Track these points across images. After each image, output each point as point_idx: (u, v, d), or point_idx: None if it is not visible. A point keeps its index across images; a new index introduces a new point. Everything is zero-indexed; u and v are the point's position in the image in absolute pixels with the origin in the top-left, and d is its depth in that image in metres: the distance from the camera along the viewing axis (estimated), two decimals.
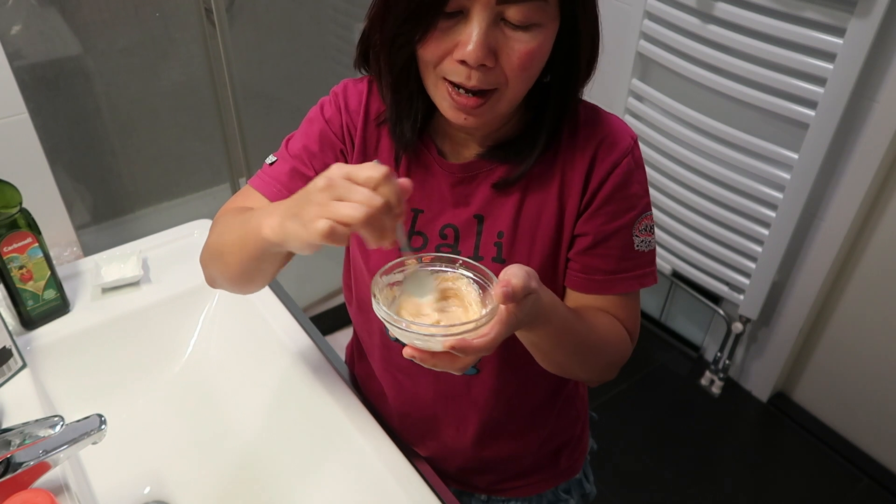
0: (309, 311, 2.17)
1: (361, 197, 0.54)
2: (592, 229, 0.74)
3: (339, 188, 0.55)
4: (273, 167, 0.79)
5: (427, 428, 0.92)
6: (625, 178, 0.73)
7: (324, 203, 0.56)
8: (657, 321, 2.33)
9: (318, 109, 0.81)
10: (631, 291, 0.78)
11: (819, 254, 1.76)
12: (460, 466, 0.95)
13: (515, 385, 0.86)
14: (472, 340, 0.56)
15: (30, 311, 0.98)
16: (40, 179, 1.40)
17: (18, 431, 0.70)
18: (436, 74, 0.67)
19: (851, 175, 1.61)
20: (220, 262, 0.75)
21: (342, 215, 0.54)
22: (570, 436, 0.98)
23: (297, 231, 0.58)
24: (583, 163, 0.73)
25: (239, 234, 0.69)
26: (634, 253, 0.76)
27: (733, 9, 1.59)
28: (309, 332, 1.01)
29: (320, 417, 0.92)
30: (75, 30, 1.62)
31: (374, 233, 0.56)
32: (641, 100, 1.92)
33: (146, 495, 0.91)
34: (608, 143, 0.73)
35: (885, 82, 1.48)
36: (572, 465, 1.01)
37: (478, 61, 0.62)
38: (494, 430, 0.90)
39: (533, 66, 0.66)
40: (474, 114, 0.67)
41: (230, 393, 1.02)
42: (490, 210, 0.76)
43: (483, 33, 0.62)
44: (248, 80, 1.88)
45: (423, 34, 0.65)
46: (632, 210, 0.75)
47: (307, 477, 0.91)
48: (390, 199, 0.55)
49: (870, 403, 1.85)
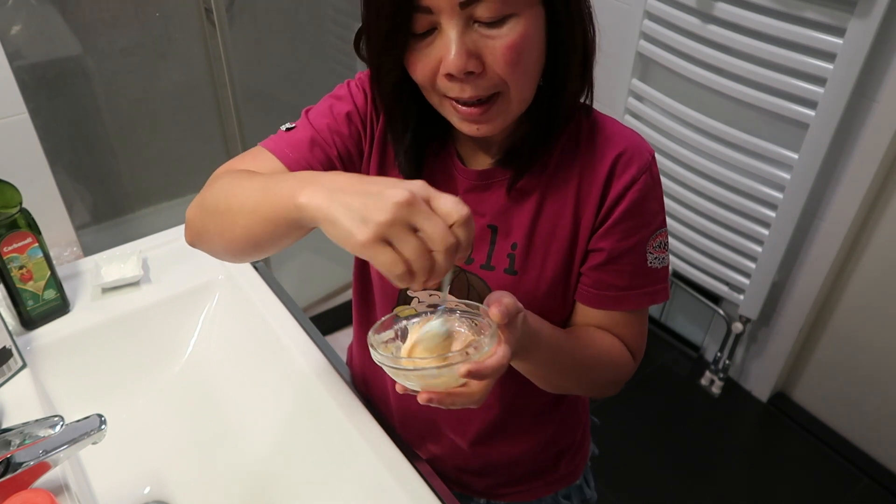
0: (309, 311, 2.17)
1: (436, 232, 0.49)
2: (608, 245, 0.73)
3: (418, 214, 0.49)
4: (291, 133, 0.74)
5: (428, 429, 0.92)
6: (642, 195, 0.72)
7: (395, 225, 0.49)
8: (657, 321, 2.33)
9: (347, 89, 0.77)
10: (635, 309, 0.77)
11: (819, 254, 1.76)
12: (460, 468, 0.95)
13: (517, 388, 0.85)
14: (485, 361, 0.55)
15: (30, 311, 0.98)
16: (40, 179, 1.40)
17: (18, 431, 0.70)
18: (437, 94, 0.66)
19: (851, 175, 1.61)
20: (221, 220, 0.65)
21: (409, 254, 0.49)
22: (571, 441, 0.98)
23: (356, 237, 0.50)
24: (600, 177, 0.72)
25: (257, 196, 0.60)
26: (647, 269, 0.75)
27: (733, 9, 1.59)
28: (309, 332, 1.01)
29: (320, 417, 0.92)
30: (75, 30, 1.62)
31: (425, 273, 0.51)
32: (641, 100, 1.92)
33: (146, 495, 0.91)
34: (626, 158, 0.72)
35: (885, 82, 1.48)
36: (573, 471, 1.00)
37: (462, 69, 0.60)
38: (495, 432, 0.89)
39: (522, 59, 0.62)
40: (484, 121, 0.65)
41: (230, 393, 1.02)
42: (504, 220, 0.75)
43: (458, 41, 0.60)
44: (248, 80, 1.88)
45: (401, 58, 0.64)
46: (648, 227, 0.74)
47: (307, 477, 0.91)
48: (462, 243, 0.51)
49: (870, 404, 1.85)
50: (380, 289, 0.85)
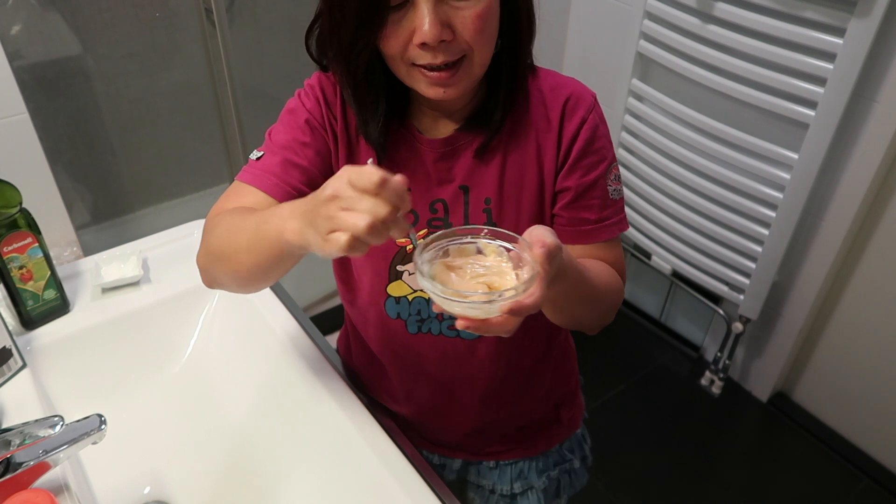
0: (309, 311, 2.17)
1: (367, 206, 0.55)
2: (573, 184, 0.80)
3: (344, 199, 0.56)
4: (261, 161, 0.80)
5: (438, 398, 0.95)
6: (592, 133, 0.80)
7: (332, 215, 0.56)
8: (657, 321, 2.33)
9: (298, 100, 0.83)
10: (613, 237, 0.84)
11: (819, 254, 1.76)
12: (472, 432, 0.98)
13: (512, 342, 0.88)
14: (524, 300, 0.58)
15: (30, 311, 0.98)
16: (40, 179, 1.40)
17: (18, 431, 0.70)
18: (405, 63, 0.71)
19: (851, 175, 1.61)
20: (227, 264, 0.74)
21: (352, 227, 0.55)
22: (566, 390, 1.04)
23: (317, 242, 0.59)
24: (553, 123, 0.79)
25: (252, 237, 0.69)
26: (611, 201, 0.82)
27: (733, 9, 1.59)
28: (309, 332, 1.01)
29: (320, 417, 0.92)
30: (75, 30, 1.62)
31: (383, 236, 0.57)
32: (641, 100, 1.92)
33: (146, 495, 0.91)
34: (573, 102, 0.80)
35: (885, 82, 1.48)
36: (572, 420, 1.06)
37: (436, 38, 0.67)
38: (499, 390, 0.94)
39: (488, 26, 0.70)
40: (451, 83, 0.71)
41: (230, 393, 1.02)
42: (474, 180, 0.81)
43: (432, 12, 0.66)
44: (248, 80, 1.88)
45: (378, 32, 0.69)
46: (603, 161, 0.81)
47: (307, 476, 0.91)
48: (394, 202, 0.56)
49: (870, 403, 1.85)
50: (371, 270, 0.87)
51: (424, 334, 0.88)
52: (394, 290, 0.86)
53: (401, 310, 0.87)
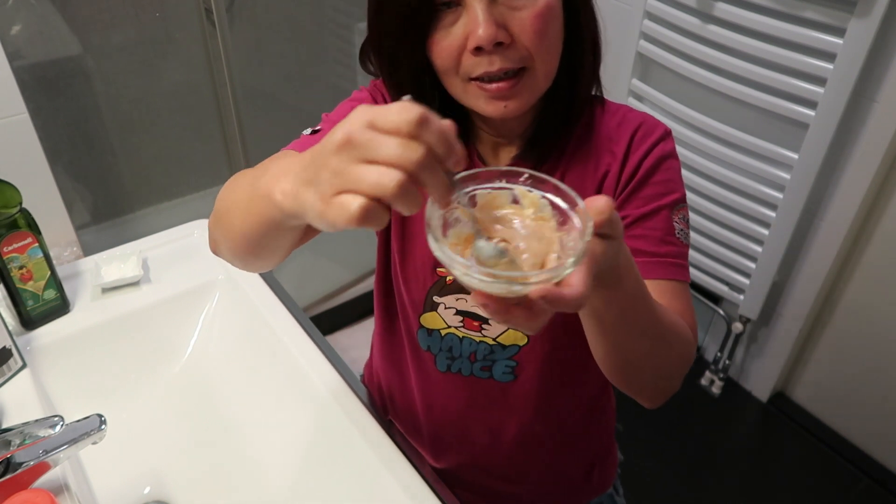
0: (309, 311, 2.16)
1: (395, 152, 0.39)
2: (630, 212, 0.73)
3: (362, 146, 0.40)
4: (317, 136, 0.71)
5: (462, 435, 0.90)
6: (658, 163, 0.72)
7: (344, 170, 0.40)
8: None
9: (365, 92, 0.77)
10: (677, 279, 0.72)
11: (819, 254, 1.76)
12: (492, 474, 0.93)
13: (549, 394, 0.83)
14: (564, 292, 0.42)
15: (30, 311, 0.98)
16: (40, 179, 1.40)
17: (18, 431, 0.70)
18: (460, 79, 0.65)
19: (851, 175, 1.61)
20: (222, 225, 0.63)
21: (372, 186, 0.39)
22: (601, 448, 0.97)
23: (317, 207, 0.42)
24: (618, 154, 0.73)
25: (247, 194, 0.56)
26: (675, 240, 0.72)
27: (733, 9, 1.59)
28: (309, 332, 1.01)
29: (320, 417, 0.92)
30: (75, 30, 1.62)
31: (415, 200, 0.40)
32: (641, 100, 1.92)
33: (146, 495, 0.91)
34: (641, 133, 0.73)
35: (885, 82, 1.48)
36: (604, 481, 0.99)
37: (492, 39, 0.60)
38: (528, 441, 0.88)
39: (549, 29, 0.63)
40: (512, 96, 0.65)
41: (230, 393, 1.02)
42: None
43: (486, 11, 0.60)
44: (248, 80, 1.88)
45: (423, 36, 0.63)
46: (669, 195, 0.72)
47: (308, 477, 0.91)
48: (434, 147, 0.40)
49: (870, 404, 1.85)
50: (406, 297, 0.82)
51: (454, 374, 0.83)
52: (427, 322, 0.81)
53: (431, 343, 0.82)
